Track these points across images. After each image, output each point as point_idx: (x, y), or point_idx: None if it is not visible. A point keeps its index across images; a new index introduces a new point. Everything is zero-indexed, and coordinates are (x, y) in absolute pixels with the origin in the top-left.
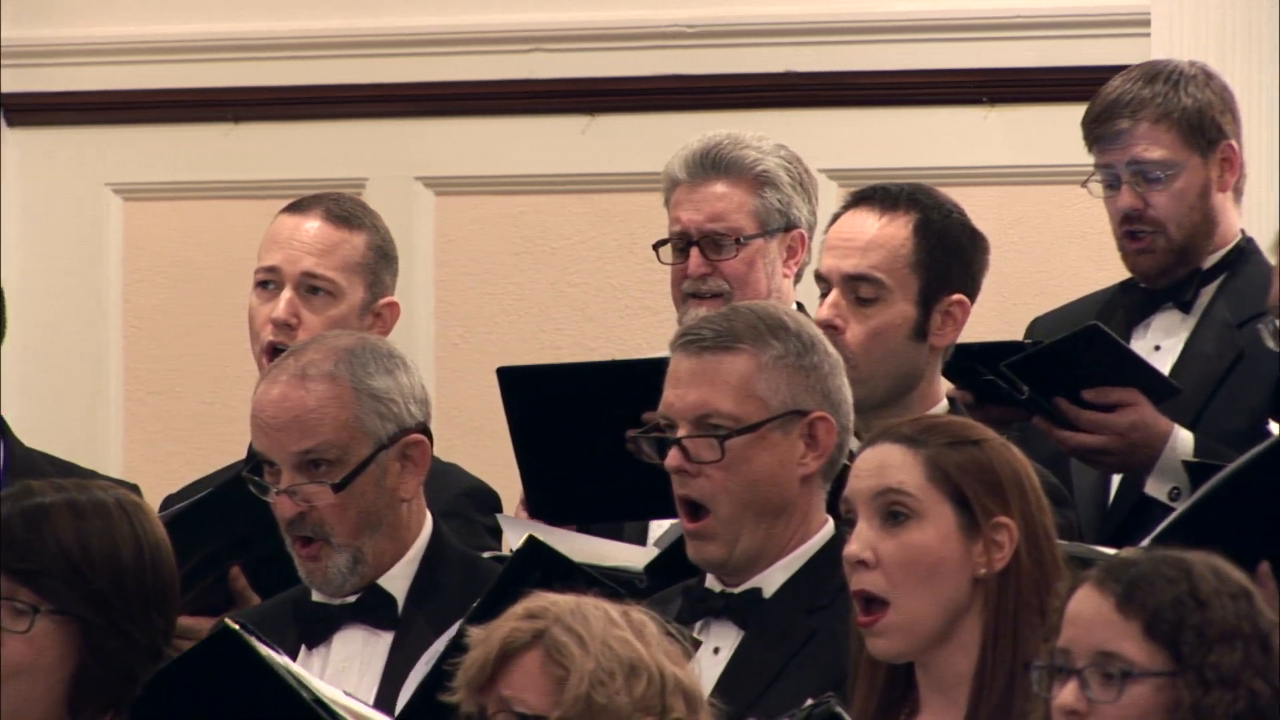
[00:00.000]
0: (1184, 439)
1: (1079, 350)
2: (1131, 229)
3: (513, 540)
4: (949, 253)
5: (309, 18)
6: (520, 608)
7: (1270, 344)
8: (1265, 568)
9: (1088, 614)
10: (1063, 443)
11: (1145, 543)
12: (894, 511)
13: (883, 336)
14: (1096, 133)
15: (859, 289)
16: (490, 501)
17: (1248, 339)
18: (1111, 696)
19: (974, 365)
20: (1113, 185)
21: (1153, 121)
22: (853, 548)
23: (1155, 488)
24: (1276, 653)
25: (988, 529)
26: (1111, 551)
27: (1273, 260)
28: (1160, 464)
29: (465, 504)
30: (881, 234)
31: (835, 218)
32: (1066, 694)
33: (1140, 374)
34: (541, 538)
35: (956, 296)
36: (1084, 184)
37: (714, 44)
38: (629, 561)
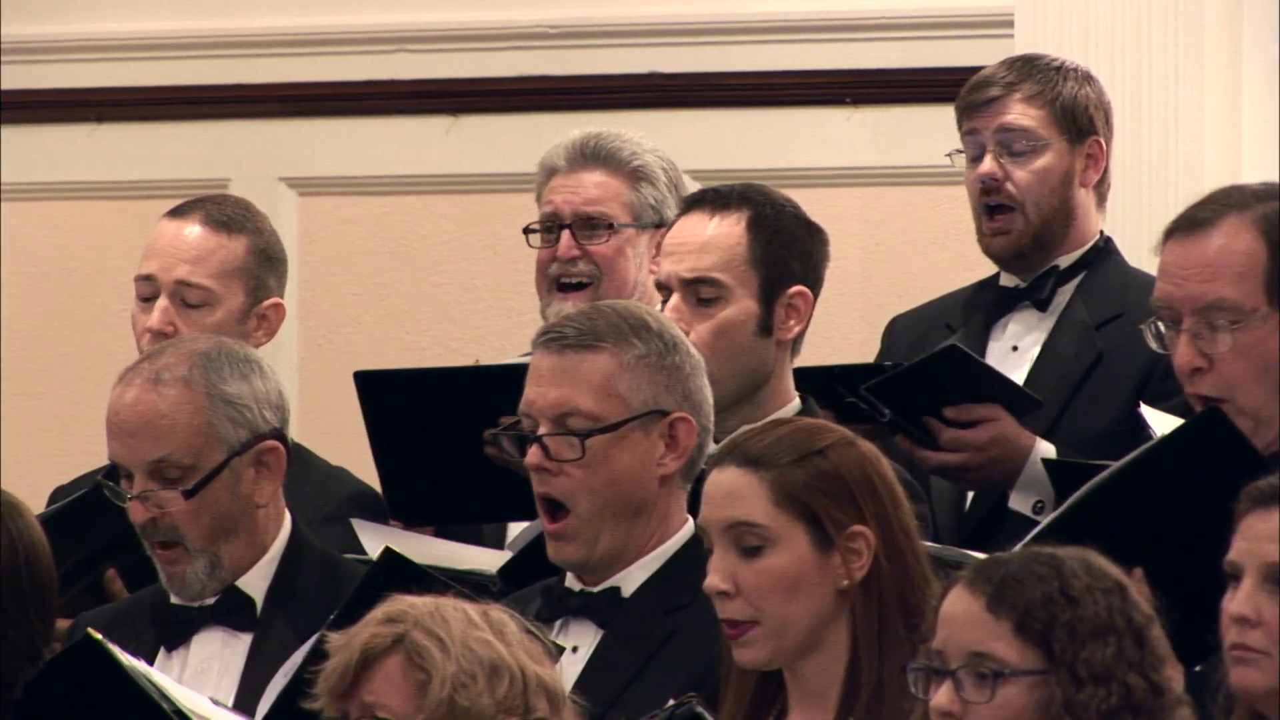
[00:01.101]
0: (1047, 452)
1: (938, 370)
2: (990, 202)
3: (366, 545)
4: (785, 245)
5: (172, 18)
6: (380, 612)
7: (1153, 345)
8: (1138, 574)
9: (960, 615)
10: (924, 461)
11: (1019, 547)
12: (747, 545)
13: (728, 335)
14: (968, 100)
15: (699, 291)
16: (376, 506)
17: (1106, 340)
18: (985, 697)
19: (834, 388)
20: (976, 157)
21: (1026, 97)
22: (713, 579)
23: (1019, 501)
24: (1151, 647)
25: (843, 540)
26: (977, 555)
27: (1155, 261)
28: (1023, 478)
29: (351, 509)
30: (716, 234)
31: (672, 223)
32: (941, 695)
33: (1001, 389)
34: (397, 544)
35: (798, 289)
36: (948, 154)
37: (577, 45)
38: (483, 565)
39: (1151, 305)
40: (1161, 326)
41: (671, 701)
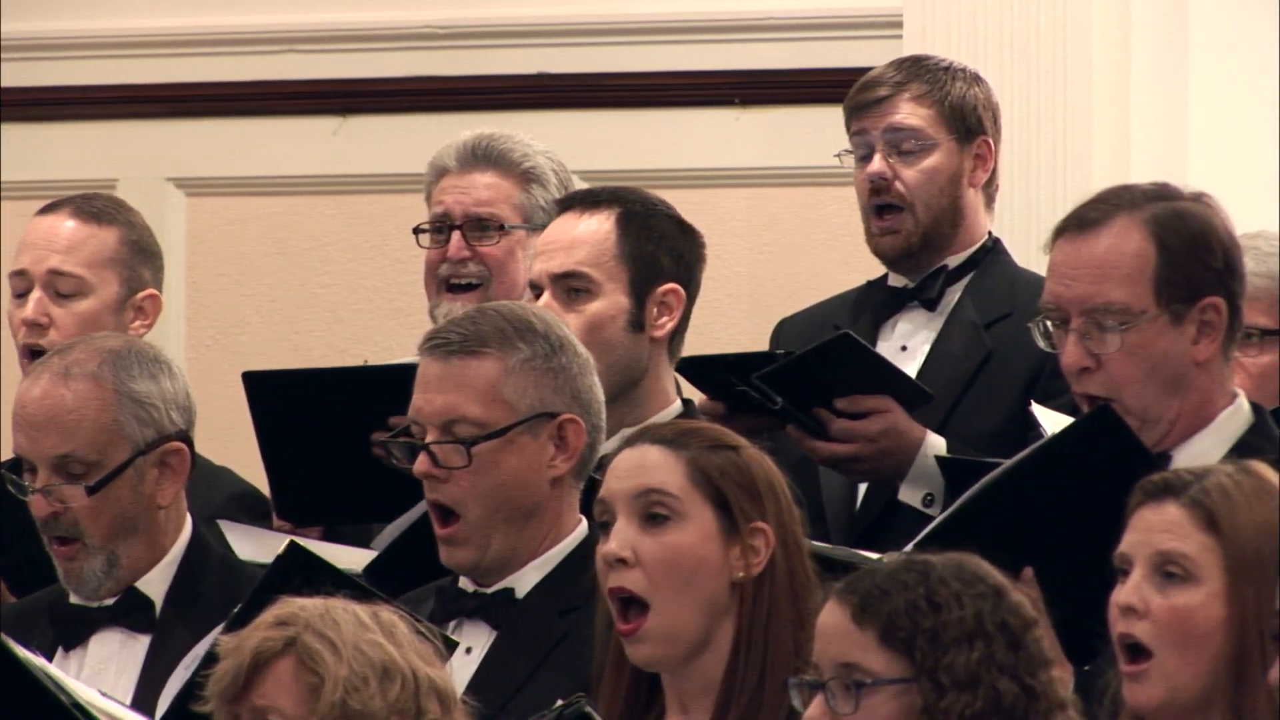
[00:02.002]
0: (937, 445)
1: (831, 359)
2: (879, 202)
3: (236, 547)
4: (655, 241)
5: (57, 18)
6: (270, 615)
7: (1041, 344)
8: (1028, 573)
9: (829, 627)
10: (815, 452)
11: (909, 547)
12: (655, 513)
13: (599, 330)
14: (857, 100)
15: (569, 286)
16: (260, 507)
17: (995, 339)
18: (851, 707)
19: (726, 377)
20: (865, 157)
21: (915, 96)
22: (611, 546)
23: (909, 494)
24: (1028, 650)
25: (746, 533)
26: (868, 554)
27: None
28: (913, 470)
29: (234, 509)
30: (584, 231)
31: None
32: (813, 708)
33: (893, 381)
34: (266, 544)
35: (670, 286)
36: (837, 155)
37: (466, 45)
38: (349, 563)
39: (1040, 304)
40: (1050, 325)
41: (560, 702)
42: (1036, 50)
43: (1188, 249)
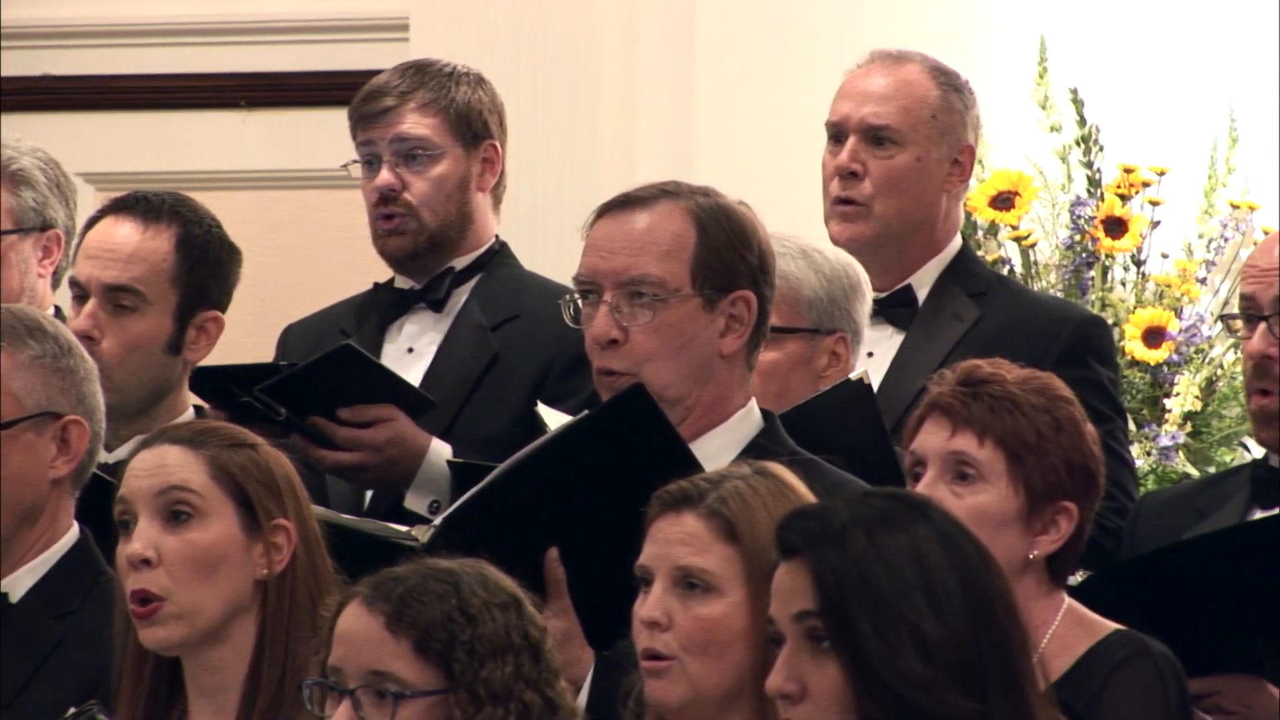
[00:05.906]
0: (443, 452)
1: (333, 370)
2: (387, 211)
3: None
4: (208, 269)
5: None
6: None
7: (568, 320)
8: (554, 553)
9: (358, 633)
10: (320, 461)
11: (439, 521)
12: (177, 510)
13: (139, 350)
14: (363, 110)
15: (119, 299)
16: None
17: (502, 341)
18: (385, 717)
19: (229, 388)
20: (372, 164)
21: (420, 105)
22: (135, 546)
23: (415, 501)
24: (546, 661)
25: (268, 530)
26: (397, 527)
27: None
28: (419, 477)
29: None
30: (143, 247)
31: (92, 223)
32: (339, 715)
33: (395, 390)
34: None
35: (212, 313)
36: (344, 166)
37: None
38: None
39: (574, 279)
40: (579, 302)
41: (73, 710)
42: (543, 53)
43: (728, 240)
